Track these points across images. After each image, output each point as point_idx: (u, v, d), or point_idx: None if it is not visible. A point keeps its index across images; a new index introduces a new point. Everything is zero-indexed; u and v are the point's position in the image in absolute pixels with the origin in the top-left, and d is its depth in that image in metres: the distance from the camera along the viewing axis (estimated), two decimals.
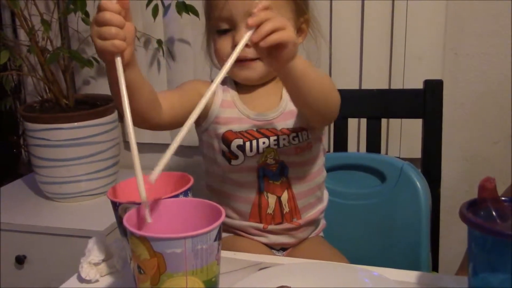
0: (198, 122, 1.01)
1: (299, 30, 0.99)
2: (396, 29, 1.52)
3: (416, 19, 1.50)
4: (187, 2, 1.58)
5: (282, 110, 0.98)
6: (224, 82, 1.04)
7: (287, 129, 0.97)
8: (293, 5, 0.95)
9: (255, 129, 0.99)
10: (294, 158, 0.98)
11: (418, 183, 1.14)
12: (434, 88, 1.22)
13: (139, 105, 0.79)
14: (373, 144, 1.27)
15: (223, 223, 0.65)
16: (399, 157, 1.27)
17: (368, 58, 1.56)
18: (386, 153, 1.60)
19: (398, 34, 1.52)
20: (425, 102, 1.22)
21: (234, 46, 0.91)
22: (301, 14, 0.98)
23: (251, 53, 0.93)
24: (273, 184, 0.98)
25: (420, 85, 1.25)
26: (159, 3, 1.63)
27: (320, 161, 1.03)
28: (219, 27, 0.95)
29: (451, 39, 1.54)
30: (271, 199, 1.00)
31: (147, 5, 1.63)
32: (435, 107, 1.22)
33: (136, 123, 0.70)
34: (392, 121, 1.59)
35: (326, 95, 0.86)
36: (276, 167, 0.98)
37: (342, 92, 1.25)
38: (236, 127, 0.96)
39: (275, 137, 0.95)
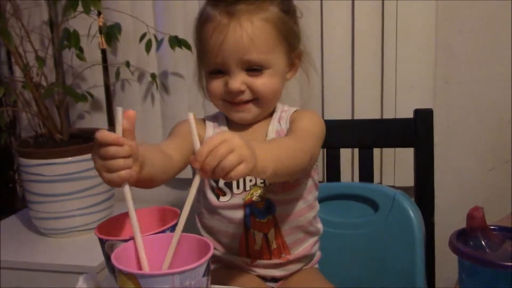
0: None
1: (291, 65, 1.00)
2: (386, 59, 1.53)
3: (406, 49, 1.51)
4: (180, 37, 1.60)
5: None
6: (215, 118, 1.05)
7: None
8: (285, 44, 0.96)
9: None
10: (281, 196, 0.97)
11: (411, 211, 1.14)
12: (424, 117, 1.23)
13: (161, 180, 0.80)
14: (366, 173, 1.27)
15: (213, 255, 0.67)
16: (393, 186, 1.29)
17: (359, 88, 1.57)
18: (380, 182, 1.60)
19: (389, 64, 1.53)
20: (416, 131, 1.22)
21: (227, 91, 0.94)
22: (293, 50, 0.98)
23: (247, 96, 0.95)
24: (259, 222, 0.98)
25: (412, 114, 1.26)
26: (153, 37, 1.65)
27: (311, 197, 1.02)
28: (212, 70, 0.96)
29: (442, 67, 1.55)
30: (258, 236, 0.99)
31: (141, 39, 1.66)
32: (425, 135, 1.22)
33: (152, 188, 0.74)
34: (385, 149, 1.59)
35: (301, 165, 0.86)
36: (263, 204, 0.97)
37: (334, 122, 1.31)
38: None
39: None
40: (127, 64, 1.70)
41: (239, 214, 0.97)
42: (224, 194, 0.98)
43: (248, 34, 0.90)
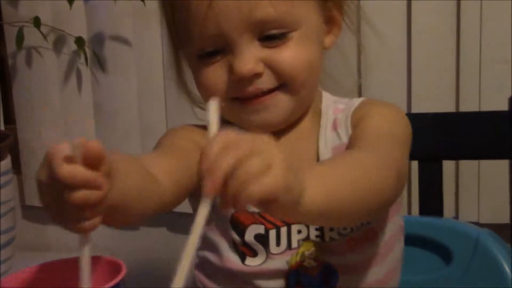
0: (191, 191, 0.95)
1: (329, 21, 0.94)
2: (464, 15, 1.46)
3: None
4: None
5: None
6: (226, 123, 0.98)
7: None
8: None
9: None
10: (347, 258, 0.93)
11: (505, 263, 1.06)
12: None
13: (137, 212, 0.74)
14: (432, 202, 1.23)
15: None
16: (476, 223, 1.26)
17: (419, 63, 1.51)
18: (456, 217, 1.51)
19: (469, 23, 1.46)
20: None
21: (233, 81, 0.87)
22: None
23: (267, 82, 0.87)
24: None
25: (506, 105, 1.17)
26: None
27: (395, 254, 0.98)
28: (203, 49, 0.89)
29: None
30: None
31: None
32: None
33: (122, 226, 0.72)
34: (462, 163, 1.51)
35: (381, 192, 0.79)
36: (318, 271, 0.93)
37: None
38: None
39: (318, 226, 0.92)
40: (36, 21, 1.60)
41: (277, 285, 0.93)
42: (255, 254, 0.92)
43: None
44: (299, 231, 0.93)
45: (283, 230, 0.93)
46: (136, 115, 1.67)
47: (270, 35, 0.87)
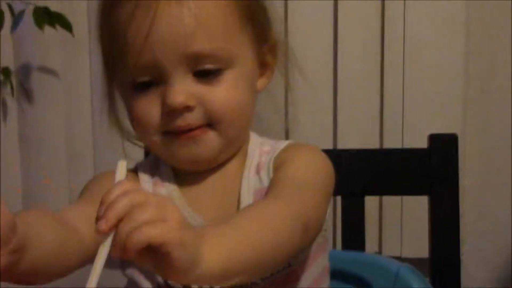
0: None
1: (263, 65, 0.95)
2: (388, 57, 1.52)
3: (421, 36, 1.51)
4: (53, 9, 1.50)
5: None
6: (154, 167, 0.97)
7: None
8: (251, 30, 0.90)
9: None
10: None
11: None
12: (445, 146, 1.18)
13: (56, 271, 0.73)
14: (354, 236, 1.23)
15: None
16: (397, 257, 1.29)
17: (345, 102, 1.54)
18: (379, 251, 1.55)
19: (392, 64, 1.51)
20: (432, 169, 1.18)
21: (166, 113, 0.86)
22: (264, 41, 0.94)
23: (196, 118, 0.86)
24: None
25: (425, 142, 1.20)
26: (5, 7, 1.52)
27: None
28: (137, 79, 0.87)
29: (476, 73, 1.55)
30: None
31: None
32: (447, 175, 1.17)
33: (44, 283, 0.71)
34: (385, 199, 1.55)
35: (283, 247, 0.77)
36: None
37: None
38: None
39: None
40: None
41: None
42: None
43: (191, 12, 0.83)
44: None
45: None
46: (63, 145, 1.65)
47: (205, 70, 0.86)
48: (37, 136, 1.64)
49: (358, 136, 1.56)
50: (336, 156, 1.24)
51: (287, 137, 1.60)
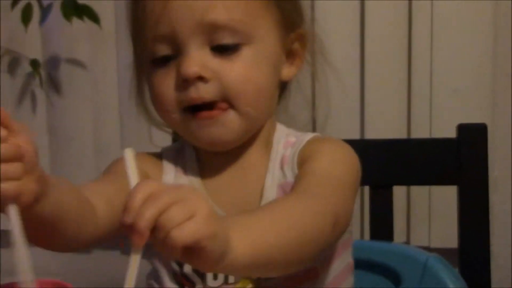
0: None
1: (290, 54, 0.92)
2: (416, 45, 1.50)
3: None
4: (81, 1, 1.49)
5: None
6: (178, 154, 0.96)
7: None
8: (278, 13, 0.88)
9: None
10: None
11: (451, 286, 1.05)
12: (474, 136, 1.17)
13: (73, 236, 0.73)
14: (382, 227, 1.22)
15: None
16: (426, 248, 1.28)
17: (373, 92, 1.53)
18: (407, 242, 1.54)
19: (419, 55, 1.50)
20: (461, 158, 1.17)
21: (181, 83, 0.84)
22: (292, 28, 0.91)
23: (211, 93, 0.84)
24: None
25: (454, 133, 1.20)
26: (34, 1, 1.53)
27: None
28: (156, 53, 0.86)
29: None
30: None
31: (13, 5, 1.53)
32: (476, 165, 1.17)
33: (61, 249, 0.75)
34: (413, 189, 1.53)
35: (313, 241, 0.76)
36: None
37: None
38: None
39: None
40: None
41: None
42: (193, 286, 0.90)
43: None
44: None
45: None
46: (90, 138, 1.66)
47: (222, 46, 0.85)
48: (65, 127, 1.65)
49: (386, 127, 1.55)
50: (364, 146, 1.26)
51: (314, 128, 1.59)
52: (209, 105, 0.85)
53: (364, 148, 1.24)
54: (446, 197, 1.44)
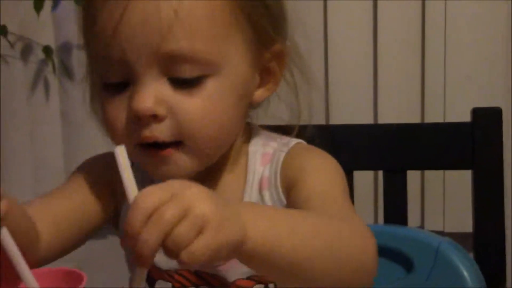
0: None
1: (265, 72, 0.82)
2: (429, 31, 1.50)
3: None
4: None
5: None
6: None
7: (248, 279, 0.83)
8: (249, 32, 0.77)
9: (192, 271, 0.85)
10: None
11: (466, 273, 1.06)
12: (488, 120, 1.16)
13: None
14: (396, 211, 1.21)
15: None
16: (440, 232, 1.30)
17: (386, 76, 1.52)
18: (421, 226, 1.53)
19: (433, 41, 1.50)
20: (475, 142, 1.16)
21: (133, 118, 0.74)
22: (267, 46, 0.80)
23: (165, 132, 0.74)
24: None
25: (468, 116, 1.18)
26: None
27: None
28: (107, 78, 0.76)
29: None
30: None
31: None
32: (491, 149, 1.16)
33: None
34: (427, 173, 1.54)
35: (347, 257, 0.67)
36: None
37: (345, 129, 1.23)
38: (163, 258, 0.70)
39: None
40: (2, 30, 1.59)
41: None
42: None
43: (171, 3, 0.70)
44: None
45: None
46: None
47: (181, 79, 0.73)
48: (78, 114, 1.62)
49: (399, 111, 1.55)
50: (378, 131, 1.25)
51: (327, 114, 1.60)
52: (162, 143, 0.76)
53: (378, 133, 1.24)
54: (460, 181, 1.42)
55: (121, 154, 0.59)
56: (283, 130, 0.88)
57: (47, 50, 1.58)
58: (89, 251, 1.66)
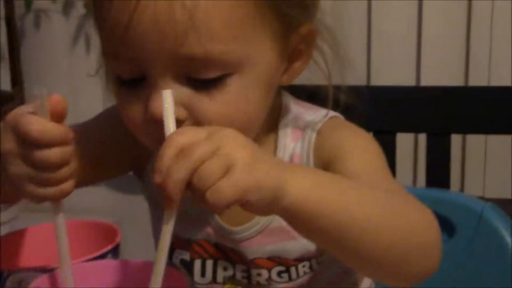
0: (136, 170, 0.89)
1: (293, 54, 0.76)
2: None
3: None
4: None
5: (263, 225, 0.81)
6: None
7: (268, 259, 0.82)
8: (274, 19, 0.70)
9: (212, 243, 0.84)
10: None
11: (507, 236, 1.05)
12: None
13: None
14: (438, 175, 1.21)
15: None
16: (481, 197, 1.23)
17: (430, 33, 1.50)
18: (461, 190, 1.53)
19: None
20: None
21: (152, 117, 0.67)
22: (293, 30, 0.73)
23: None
24: None
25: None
26: None
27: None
28: (120, 73, 0.70)
29: None
30: None
31: None
32: None
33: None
34: (469, 137, 1.53)
35: (405, 236, 0.64)
36: None
37: (387, 91, 1.23)
38: (183, 226, 0.81)
39: (245, 267, 0.83)
40: None
41: None
42: None
43: (184, 4, 0.63)
44: (225, 268, 0.85)
45: (209, 262, 0.85)
46: None
47: (201, 80, 0.68)
48: None
49: (442, 73, 1.54)
50: (421, 93, 1.25)
51: (368, 75, 1.59)
52: None
53: (421, 95, 1.24)
54: (502, 147, 1.45)
55: (167, 97, 0.59)
56: (318, 94, 0.81)
57: (88, 5, 1.55)
58: (129, 208, 1.68)
